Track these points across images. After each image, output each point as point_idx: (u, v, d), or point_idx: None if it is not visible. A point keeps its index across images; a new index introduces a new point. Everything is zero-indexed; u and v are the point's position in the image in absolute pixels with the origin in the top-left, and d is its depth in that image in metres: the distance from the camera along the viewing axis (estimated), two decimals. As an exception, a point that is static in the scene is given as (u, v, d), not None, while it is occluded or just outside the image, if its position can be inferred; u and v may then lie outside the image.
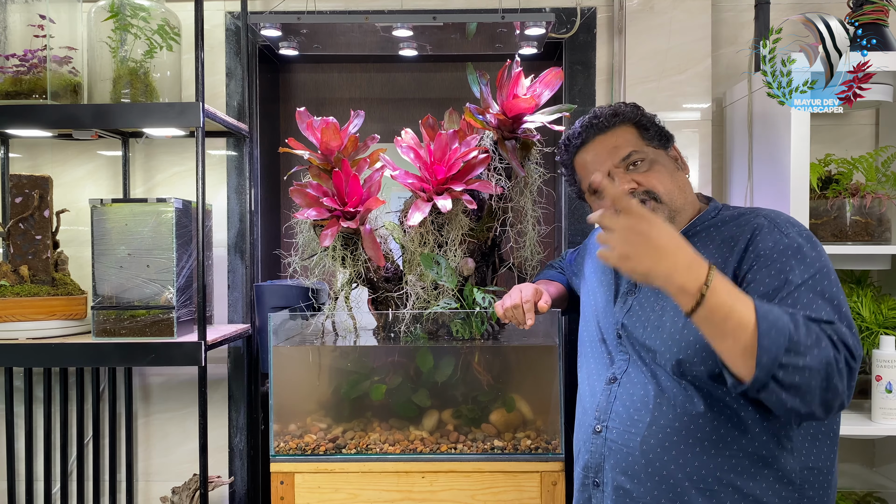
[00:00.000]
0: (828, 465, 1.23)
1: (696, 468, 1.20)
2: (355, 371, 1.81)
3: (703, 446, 1.20)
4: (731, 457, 1.19)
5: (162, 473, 2.29)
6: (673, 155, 1.40)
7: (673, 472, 1.21)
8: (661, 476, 1.22)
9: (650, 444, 1.23)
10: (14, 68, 1.87)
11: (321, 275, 1.81)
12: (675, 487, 1.21)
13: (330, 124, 1.68)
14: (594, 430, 1.33)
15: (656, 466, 1.23)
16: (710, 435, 1.20)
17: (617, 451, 1.28)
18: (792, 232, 1.21)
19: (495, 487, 1.70)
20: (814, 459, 1.21)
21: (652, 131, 1.37)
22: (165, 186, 2.28)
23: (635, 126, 1.37)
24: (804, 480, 1.20)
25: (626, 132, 1.37)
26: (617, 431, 1.29)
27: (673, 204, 1.32)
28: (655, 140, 1.37)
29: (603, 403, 1.33)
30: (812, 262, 1.17)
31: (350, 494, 1.71)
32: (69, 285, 1.99)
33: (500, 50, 2.20)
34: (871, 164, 1.93)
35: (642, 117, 1.38)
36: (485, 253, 1.84)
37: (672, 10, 2.15)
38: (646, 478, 1.24)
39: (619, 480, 1.27)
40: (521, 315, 1.50)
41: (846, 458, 2.20)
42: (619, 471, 1.28)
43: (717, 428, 1.20)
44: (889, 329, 1.87)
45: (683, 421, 1.21)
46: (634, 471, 1.25)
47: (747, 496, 1.18)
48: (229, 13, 2.24)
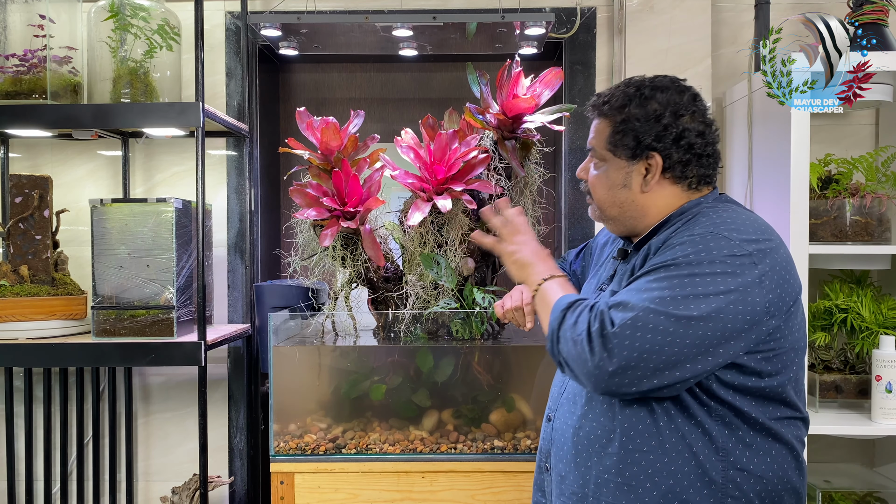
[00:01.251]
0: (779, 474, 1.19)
1: (614, 462, 1.20)
2: (355, 371, 1.81)
3: (630, 437, 1.20)
4: (649, 452, 1.18)
5: (162, 473, 2.29)
6: (636, 169, 1.26)
7: (595, 463, 1.23)
8: (586, 467, 1.24)
9: (579, 436, 1.26)
10: (14, 68, 1.87)
11: (321, 275, 1.81)
12: (597, 479, 1.22)
13: (330, 124, 1.68)
14: (547, 418, 1.38)
15: (583, 457, 1.25)
16: (637, 426, 1.19)
17: (558, 440, 1.32)
18: (691, 250, 1.14)
19: (495, 487, 1.70)
20: (745, 462, 1.18)
21: (627, 140, 1.25)
22: (165, 186, 2.28)
23: (612, 125, 1.28)
24: (728, 480, 1.17)
25: (603, 126, 1.30)
26: (560, 420, 1.32)
27: (604, 211, 1.33)
28: (620, 149, 1.27)
29: (556, 393, 1.37)
30: (666, 281, 1.13)
31: (350, 494, 1.71)
32: (69, 285, 1.99)
33: (500, 50, 2.20)
34: (871, 164, 1.93)
35: (624, 120, 1.26)
36: (485, 253, 1.84)
37: (672, 10, 2.15)
38: (574, 467, 1.26)
39: (559, 467, 1.31)
40: (521, 317, 1.51)
41: (846, 458, 2.20)
42: (558, 458, 1.31)
43: (646, 421, 1.19)
44: (889, 329, 1.87)
45: (608, 416, 1.22)
46: (567, 460, 1.28)
47: (666, 493, 1.18)
48: (229, 13, 2.24)
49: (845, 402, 1.97)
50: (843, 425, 1.82)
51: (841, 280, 2.01)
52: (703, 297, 1.10)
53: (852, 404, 1.96)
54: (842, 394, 1.93)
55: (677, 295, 1.11)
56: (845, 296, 1.94)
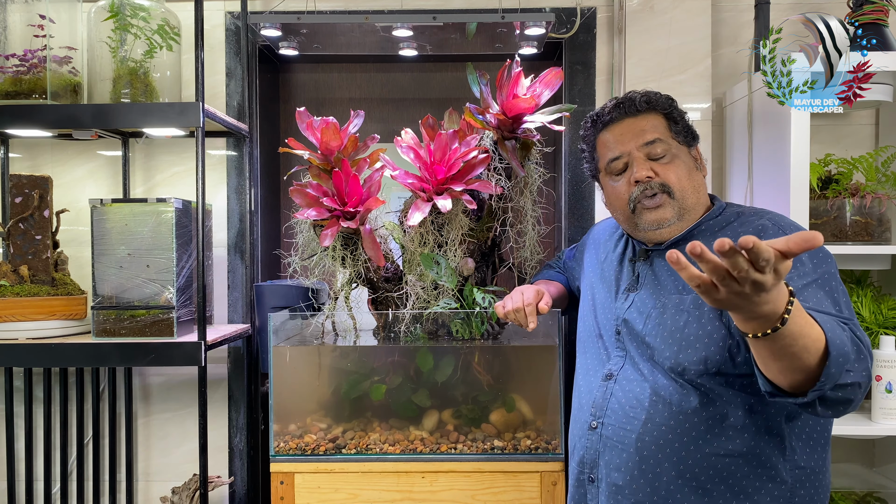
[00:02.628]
0: (820, 465, 1.23)
1: (689, 466, 1.21)
2: (355, 371, 1.81)
3: (698, 444, 1.21)
4: (724, 455, 1.20)
5: (162, 473, 2.29)
6: (694, 155, 1.39)
7: (667, 469, 1.22)
8: (655, 473, 1.23)
9: (644, 442, 1.24)
10: (14, 68, 1.87)
11: (321, 275, 1.80)
12: (669, 485, 1.22)
13: (330, 124, 1.68)
14: (590, 427, 1.34)
15: (650, 464, 1.23)
16: (705, 434, 1.21)
17: (612, 448, 1.29)
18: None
19: (495, 487, 1.70)
20: (805, 460, 1.22)
21: (681, 125, 1.36)
22: (165, 186, 2.28)
23: (665, 117, 1.36)
24: (796, 480, 1.20)
25: (656, 119, 1.35)
26: (612, 428, 1.29)
27: (684, 202, 1.32)
28: (682, 135, 1.36)
29: (599, 400, 1.34)
30: (819, 263, 1.18)
31: (350, 494, 1.71)
32: (69, 285, 1.99)
33: (500, 50, 2.20)
34: (871, 164, 1.93)
35: (674, 110, 1.37)
36: (485, 253, 1.84)
37: (672, 10, 2.15)
38: (639, 475, 1.24)
39: (613, 477, 1.28)
40: (522, 318, 1.50)
41: (846, 458, 2.20)
42: (612, 467, 1.28)
43: (712, 427, 1.20)
44: (889, 329, 1.87)
45: (679, 419, 1.22)
46: (628, 467, 1.26)
47: (738, 494, 1.19)
48: (229, 13, 2.24)
49: (845, 402, 1.97)
50: (843, 425, 1.82)
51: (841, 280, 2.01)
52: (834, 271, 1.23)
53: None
54: (842, 394, 1.93)
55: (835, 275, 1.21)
56: (845, 296, 1.94)
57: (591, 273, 1.54)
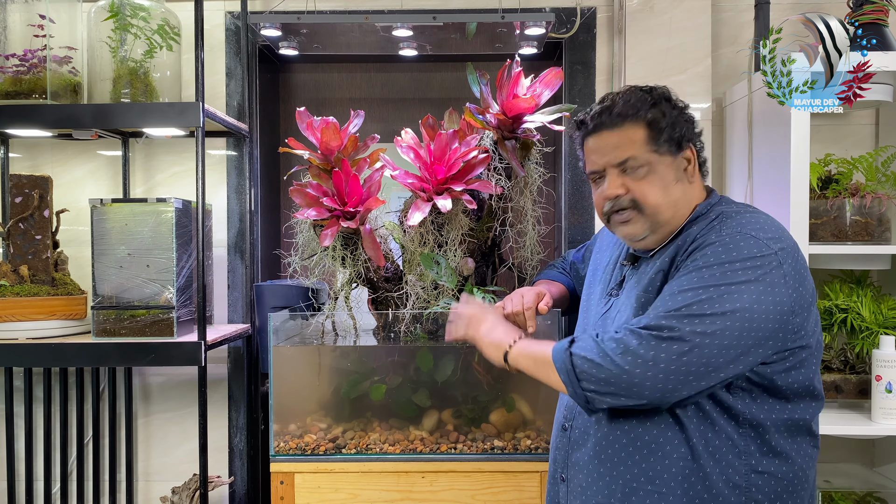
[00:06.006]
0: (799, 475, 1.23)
1: (643, 469, 1.22)
2: (355, 371, 1.81)
3: (651, 448, 1.21)
4: (678, 458, 1.20)
5: (162, 473, 2.29)
6: (686, 157, 1.30)
7: (622, 472, 1.23)
8: (612, 476, 1.24)
9: (602, 445, 1.26)
10: (14, 68, 1.87)
11: (321, 275, 1.81)
12: (624, 488, 1.23)
13: (330, 124, 1.68)
14: (562, 427, 1.37)
15: (607, 467, 1.25)
16: (658, 437, 1.21)
17: (577, 449, 1.31)
18: (721, 250, 1.18)
19: (495, 487, 1.70)
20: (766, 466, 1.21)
21: (665, 134, 1.27)
22: (165, 186, 2.28)
23: (647, 125, 1.27)
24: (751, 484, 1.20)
25: (634, 132, 1.27)
26: (578, 430, 1.31)
27: (656, 218, 1.27)
28: (664, 145, 1.27)
29: (571, 402, 1.35)
30: (701, 281, 1.16)
31: (350, 494, 1.71)
32: (69, 285, 1.99)
33: (500, 50, 2.20)
34: (871, 164, 1.93)
35: (656, 118, 1.27)
36: (485, 253, 1.84)
37: (672, 10, 2.15)
38: (598, 476, 1.26)
39: (578, 478, 1.30)
40: (522, 321, 1.51)
41: (846, 458, 2.20)
42: (577, 468, 1.30)
43: (665, 430, 1.21)
44: (889, 329, 1.87)
45: (632, 423, 1.23)
46: (589, 469, 1.28)
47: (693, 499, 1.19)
48: (229, 13, 2.24)
49: (845, 402, 1.97)
50: (844, 425, 1.82)
51: (841, 280, 2.01)
52: (735, 296, 1.13)
53: (852, 404, 1.96)
54: (842, 394, 1.93)
55: (712, 295, 1.13)
56: (845, 296, 1.93)
57: (591, 274, 1.54)
